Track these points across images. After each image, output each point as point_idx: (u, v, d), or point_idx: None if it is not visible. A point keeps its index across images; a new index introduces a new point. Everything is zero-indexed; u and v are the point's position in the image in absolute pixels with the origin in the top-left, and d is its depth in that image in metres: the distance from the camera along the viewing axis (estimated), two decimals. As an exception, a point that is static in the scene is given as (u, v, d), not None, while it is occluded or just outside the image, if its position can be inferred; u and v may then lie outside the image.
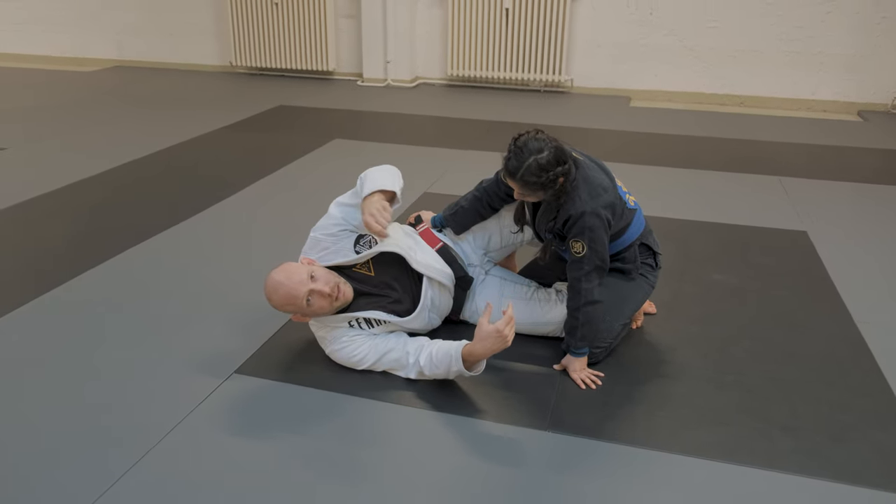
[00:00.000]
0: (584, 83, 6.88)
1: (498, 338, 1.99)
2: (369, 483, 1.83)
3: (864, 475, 1.88)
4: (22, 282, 2.91)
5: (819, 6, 6.11)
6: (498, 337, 1.99)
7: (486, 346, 2.02)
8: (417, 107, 6.28)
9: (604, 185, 2.22)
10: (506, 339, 2.00)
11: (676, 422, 2.09)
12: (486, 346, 2.02)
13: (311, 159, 4.65)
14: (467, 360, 2.08)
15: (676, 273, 3.02)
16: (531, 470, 1.88)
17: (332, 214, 2.38)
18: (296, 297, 2.12)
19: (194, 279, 2.95)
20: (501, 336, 1.99)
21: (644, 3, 6.45)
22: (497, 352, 2.03)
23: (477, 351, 2.04)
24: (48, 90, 6.89)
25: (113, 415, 2.08)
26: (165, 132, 5.28)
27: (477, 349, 2.04)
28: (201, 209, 3.71)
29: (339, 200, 2.39)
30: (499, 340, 2.00)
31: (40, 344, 2.46)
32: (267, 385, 2.24)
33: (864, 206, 3.94)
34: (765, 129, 5.64)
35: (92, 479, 1.82)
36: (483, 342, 2.02)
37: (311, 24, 7.25)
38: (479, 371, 2.13)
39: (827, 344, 2.52)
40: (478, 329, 2.04)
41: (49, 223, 3.55)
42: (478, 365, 2.12)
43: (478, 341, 2.03)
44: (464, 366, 2.08)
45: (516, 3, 6.59)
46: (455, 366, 2.09)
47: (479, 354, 2.05)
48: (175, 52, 8.08)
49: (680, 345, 2.50)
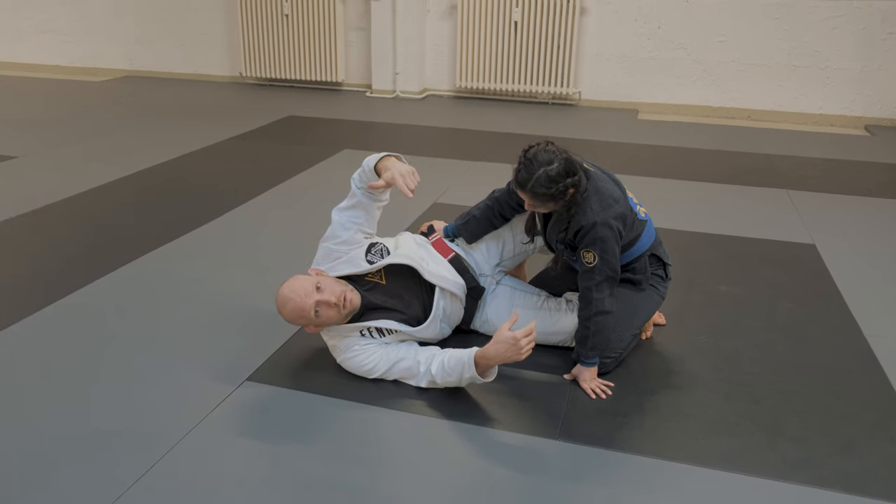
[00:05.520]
0: (593, 96, 6.91)
1: (513, 346, 1.99)
2: (380, 491, 1.84)
3: (873, 486, 1.88)
4: (35, 288, 2.94)
5: (826, 21, 6.13)
6: (513, 345, 1.99)
7: (498, 349, 2.02)
8: (426, 118, 6.32)
9: (615, 196, 2.24)
10: (521, 349, 1.99)
11: (686, 432, 2.10)
12: (499, 351, 2.02)
13: (320, 169, 4.68)
14: (479, 363, 2.07)
15: (685, 284, 3.03)
16: (541, 479, 1.89)
17: (334, 221, 2.40)
18: (304, 309, 2.15)
19: (206, 287, 2.98)
20: (517, 346, 1.99)
21: (652, 16, 6.49)
22: (509, 361, 2.04)
23: (489, 353, 2.04)
24: (60, 100, 6.95)
25: (125, 422, 2.10)
26: (176, 142, 5.32)
27: (489, 352, 2.04)
28: (212, 218, 3.74)
29: (339, 206, 2.42)
30: (513, 349, 2.00)
31: (52, 350, 2.48)
32: (278, 392, 2.25)
33: (872, 219, 3.94)
34: (772, 143, 5.65)
35: (104, 486, 1.83)
36: (497, 345, 2.02)
37: (320, 35, 7.30)
38: (491, 377, 2.13)
39: (836, 356, 2.52)
40: (497, 332, 2.05)
41: (61, 231, 3.58)
42: (490, 371, 2.12)
43: (492, 344, 2.04)
44: (476, 371, 2.09)
45: (525, 15, 6.63)
46: (468, 372, 2.09)
47: (491, 357, 2.05)
48: (186, 62, 8.15)
49: (689, 356, 2.51)
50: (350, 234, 2.37)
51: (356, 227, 2.38)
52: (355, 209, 2.37)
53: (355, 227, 2.38)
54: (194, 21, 7.91)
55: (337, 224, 2.39)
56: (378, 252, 2.35)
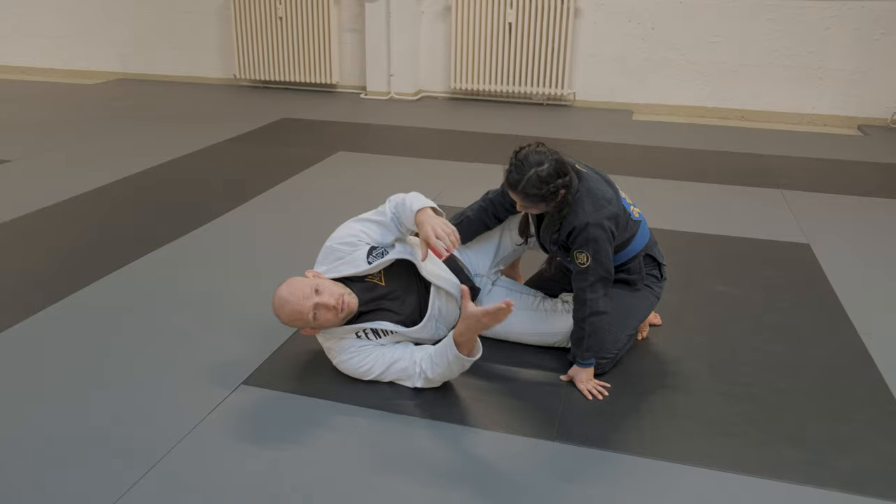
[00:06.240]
0: (587, 97, 6.92)
1: (477, 321, 2.03)
2: (376, 493, 1.84)
3: (870, 485, 1.89)
4: (27, 293, 2.93)
5: (819, 22, 6.16)
6: (477, 321, 2.03)
7: (468, 324, 2.06)
8: (421, 120, 6.32)
9: (607, 197, 2.24)
10: (486, 325, 2.04)
11: (682, 432, 2.10)
12: (469, 325, 2.06)
13: (315, 171, 4.68)
14: (458, 341, 2.11)
15: (681, 285, 3.03)
16: (538, 480, 1.89)
17: (351, 227, 2.40)
18: (301, 312, 2.15)
19: (200, 290, 2.97)
20: (481, 323, 2.03)
21: (646, 18, 6.51)
22: (480, 331, 2.07)
23: (461, 330, 2.09)
24: (52, 103, 6.93)
25: (121, 426, 2.09)
26: (169, 145, 5.31)
27: (461, 328, 2.09)
28: (206, 221, 3.74)
29: (362, 217, 2.42)
30: (477, 323, 2.04)
31: (47, 354, 2.47)
32: (275, 396, 2.25)
33: (866, 219, 3.96)
34: (766, 143, 5.67)
35: (100, 491, 1.82)
36: (465, 322, 2.06)
37: (315, 37, 7.30)
38: (477, 355, 2.16)
39: (831, 355, 2.53)
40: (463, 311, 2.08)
41: (53, 235, 3.57)
42: (475, 349, 2.15)
43: (462, 321, 2.08)
44: (460, 351, 2.12)
45: (519, 17, 6.64)
46: (451, 352, 2.13)
47: (464, 332, 2.09)
48: (179, 64, 8.14)
49: (685, 356, 2.51)
50: (360, 239, 2.38)
51: (370, 240, 2.39)
52: (380, 226, 2.39)
53: (370, 239, 2.39)
54: (188, 23, 7.89)
55: (351, 229, 2.39)
56: (378, 255, 2.35)
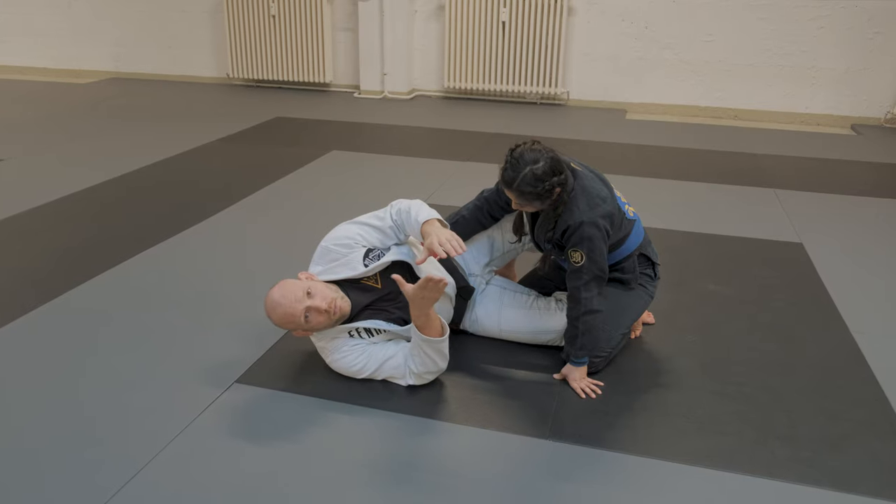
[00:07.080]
0: (581, 96, 6.93)
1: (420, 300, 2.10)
2: (371, 492, 1.84)
3: (862, 483, 1.89)
4: (20, 292, 2.91)
5: (812, 21, 6.17)
6: (421, 299, 2.09)
7: (413, 304, 2.12)
8: (414, 119, 6.31)
9: (602, 196, 2.24)
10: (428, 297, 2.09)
11: (675, 431, 2.10)
12: (415, 304, 2.12)
13: (308, 170, 4.67)
14: (418, 325, 2.18)
15: (674, 284, 3.04)
16: (531, 478, 1.89)
17: (348, 229, 2.39)
18: (293, 315, 2.15)
19: (193, 290, 2.96)
20: (422, 299, 2.09)
21: (639, 17, 6.52)
22: (427, 307, 2.12)
23: (413, 314, 2.15)
24: (45, 102, 6.90)
25: (111, 426, 2.08)
26: (162, 144, 5.29)
27: (412, 311, 2.15)
28: (199, 220, 3.72)
29: (359, 220, 2.42)
30: (422, 301, 2.10)
31: (37, 354, 2.46)
32: (268, 395, 2.24)
33: (859, 218, 3.97)
34: (759, 142, 5.69)
35: (92, 490, 1.82)
36: (410, 303, 2.13)
37: (308, 36, 7.29)
38: (445, 333, 2.22)
39: (824, 354, 2.54)
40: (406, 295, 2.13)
41: (46, 234, 3.55)
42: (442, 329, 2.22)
43: (410, 305, 2.14)
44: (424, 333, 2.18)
45: (513, 16, 6.64)
46: (416, 337, 2.19)
47: (417, 316, 2.15)
48: (172, 64, 8.11)
49: (678, 355, 2.52)
50: (356, 242, 2.38)
51: (366, 243, 2.39)
52: (378, 231, 2.40)
53: (366, 242, 2.39)
54: (181, 22, 7.87)
55: (348, 231, 2.39)
56: (375, 257, 2.35)
